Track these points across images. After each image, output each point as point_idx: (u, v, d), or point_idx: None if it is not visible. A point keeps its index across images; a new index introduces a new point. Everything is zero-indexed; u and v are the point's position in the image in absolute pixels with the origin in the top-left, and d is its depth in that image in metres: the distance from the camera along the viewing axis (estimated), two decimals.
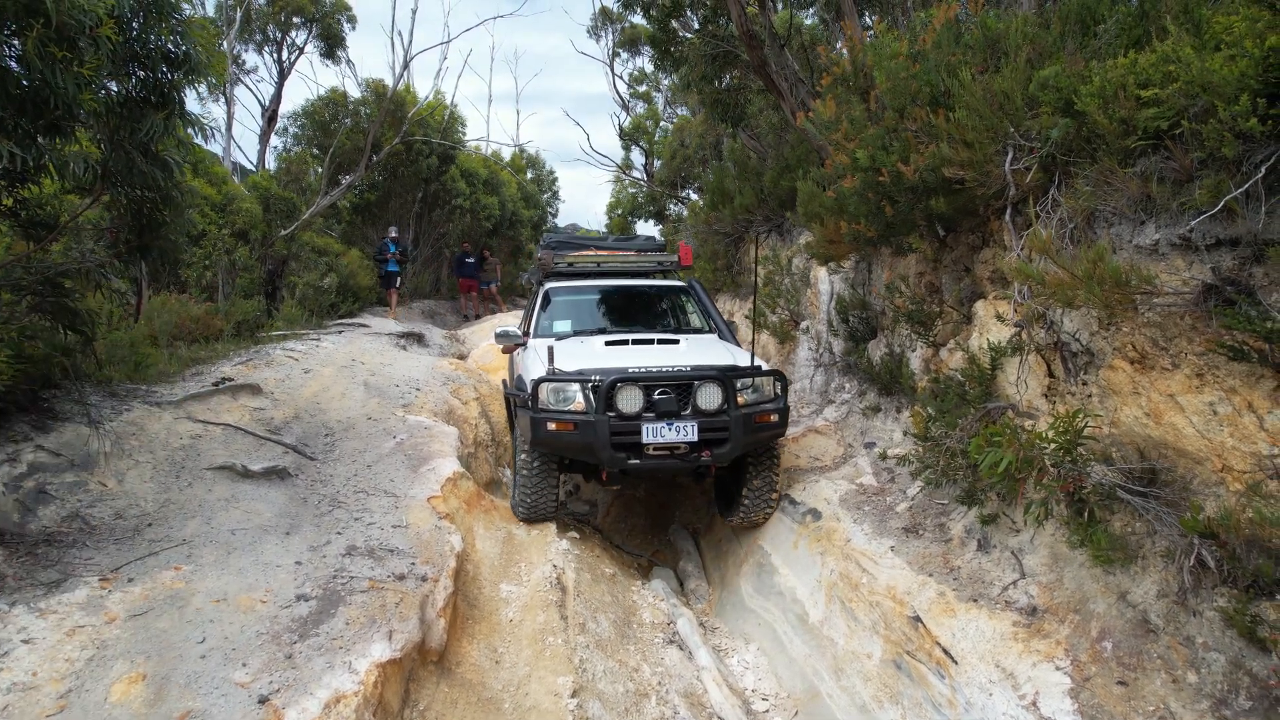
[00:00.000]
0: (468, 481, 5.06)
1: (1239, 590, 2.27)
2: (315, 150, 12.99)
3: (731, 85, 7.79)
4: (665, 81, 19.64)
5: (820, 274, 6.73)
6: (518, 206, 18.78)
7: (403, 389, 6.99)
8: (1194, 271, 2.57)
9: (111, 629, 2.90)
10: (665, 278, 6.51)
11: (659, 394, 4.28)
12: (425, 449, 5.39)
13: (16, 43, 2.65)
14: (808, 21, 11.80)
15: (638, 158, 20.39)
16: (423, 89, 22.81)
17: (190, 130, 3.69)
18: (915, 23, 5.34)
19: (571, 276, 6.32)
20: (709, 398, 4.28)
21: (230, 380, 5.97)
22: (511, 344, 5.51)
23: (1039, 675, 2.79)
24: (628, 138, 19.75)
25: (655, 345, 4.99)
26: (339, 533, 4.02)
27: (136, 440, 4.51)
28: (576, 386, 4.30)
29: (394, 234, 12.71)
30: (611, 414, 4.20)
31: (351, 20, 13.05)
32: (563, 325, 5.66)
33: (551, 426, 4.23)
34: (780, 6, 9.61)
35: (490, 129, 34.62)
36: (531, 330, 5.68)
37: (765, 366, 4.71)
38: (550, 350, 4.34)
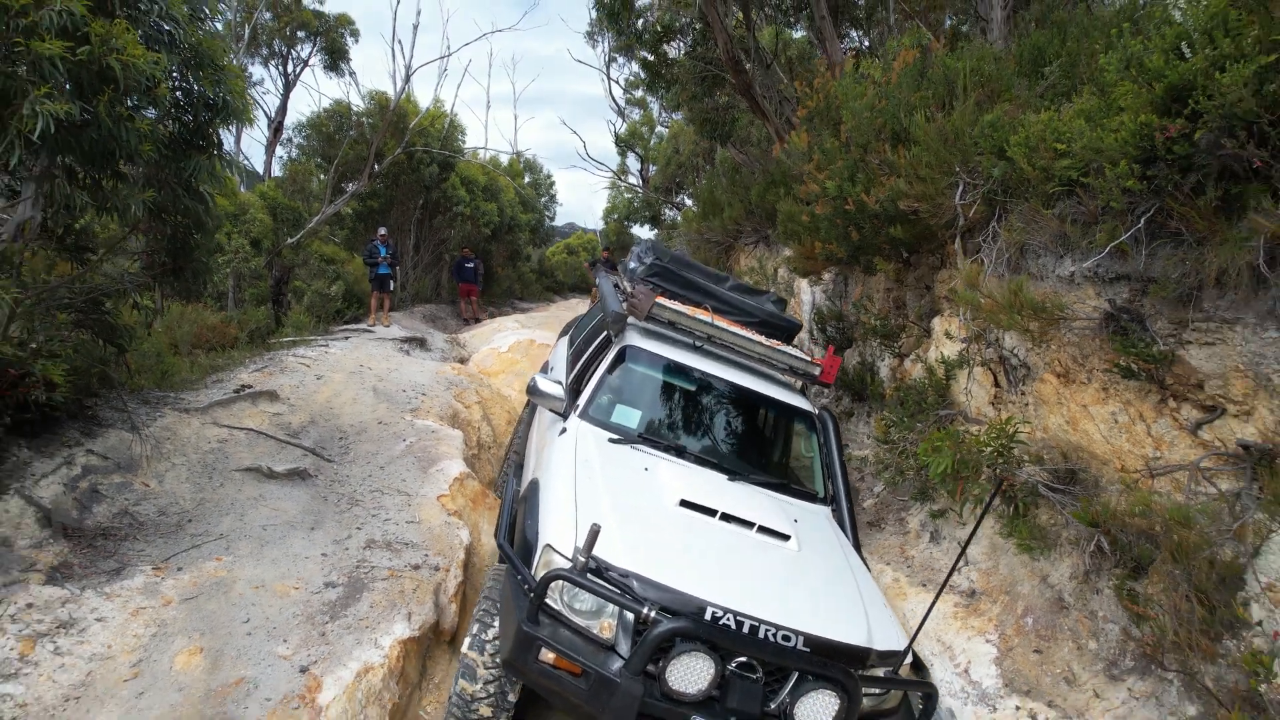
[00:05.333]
0: (473, 481, 5.49)
1: (1125, 570, 2.71)
2: (320, 160, 13.38)
3: (719, 104, 8.21)
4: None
5: (802, 284, 7.17)
6: (516, 212, 19.19)
7: (410, 394, 7.41)
8: (1098, 301, 3.01)
9: (169, 610, 3.32)
10: (790, 379, 4.61)
11: (738, 669, 2.58)
12: (433, 451, 5.82)
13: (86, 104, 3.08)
14: (797, 35, 12.23)
15: (633, 163, 20.82)
16: (422, 95, 23.14)
17: (226, 168, 4.10)
18: (887, 55, 5.78)
19: (664, 339, 4.29)
20: (816, 709, 2.58)
21: (250, 387, 6.39)
22: (547, 405, 3.88)
23: (972, 647, 3.23)
24: (623, 144, 20.17)
25: (754, 535, 3.10)
26: (358, 528, 4.45)
27: (171, 444, 4.93)
28: (613, 608, 2.62)
29: (383, 233, 11.92)
30: (649, 676, 2.53)
31: (354, 34, 13.48)
32: (629, 416, 3.86)
33: (546, 657, 2.55)
34: (764, 23, 10.04)
35: (488, 133, 35.02)
36: (584, 402, 3.86)
37: (913, 652, 2.88)
38: (594, 532, 2.52)
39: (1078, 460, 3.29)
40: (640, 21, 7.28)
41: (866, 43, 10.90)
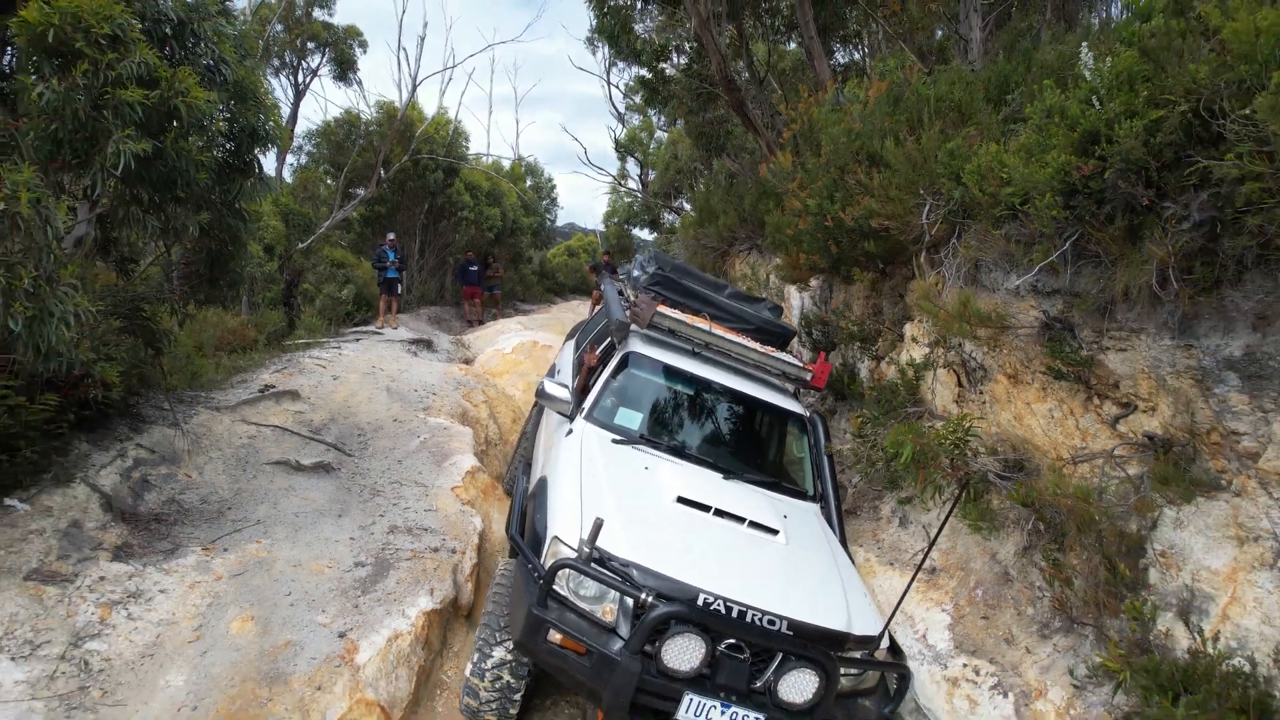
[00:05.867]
0: (483, 474, 5.93)
1: (1055, 545, 3.14)
2: (329, 167, 13.81)
3: (714, 117, 8.64)
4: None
5: (791, 290, 7.61)
6: (518, 215, 19.63)
7: (421, 394, 7.84)
8: (1036, 311, 3.45)
9: (220, 584, 3.76)
10: (783, 383, 4.84)
11: (727, 649, 2.85)
12: (446, 446, 6.25)
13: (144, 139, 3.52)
14: (792, 46, 12.68)
15: (633, 168, 21.26)
16: (426, 99, 23.55)
17: (265, 189, 4.54)
18: (871, 75, 6.22)
19: (665, 345, 4.55)
20: (797, 686, 2.84)
21: (273, 387, 6.82)
22: (554, 408, 4.13)
23: (930, 616, 3.67)
24: (623, 149, 20.60)
25: (745, 529, 3.37)
26: (381, 515, 4.88)
27: (207, 440, 5.37)
28: (615, 594, 2.89)
29: (391, 238, 12.36)
30: (646, 656, 2.79)
31: (363, 45, 13.92)
32: (631, 418, 4.12)
33: (554, 638, 2.83)
34: (761, 35, 10.47)
35: (490, 137, 35.59)
36: (589, 405, 4.11)
37: (889, 636, 3.20)
38: (597, 526, 2.80)
39: (1024, 451, 3.73)
40: (639, 42, 7.71)
41: (858, 54, 11.36)
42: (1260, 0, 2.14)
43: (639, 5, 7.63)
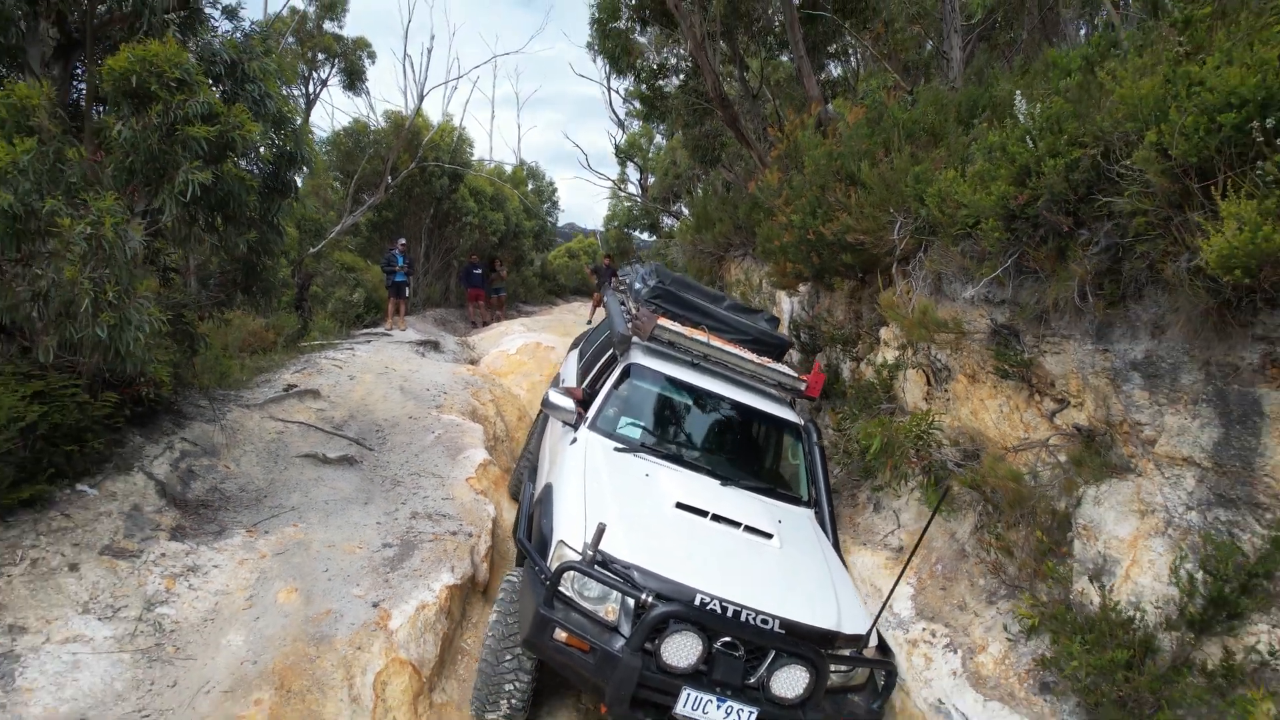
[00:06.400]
0: (494, 467, 6.40)
1: (1002, 523, 3.62)
2: (338, 174, 14.26)
3: (710, 130, 9.11)
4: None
5: (782, 296, 8.08)
6: (520, 219, 20.11)
7: (433, 393, 8.31)
8: (987, 319, 3.92)
9: (265, 561, 4.22)
10: (779, 393, 4.95)
11: (723, 647, 3.03)
12: (459, 441, 6.72)
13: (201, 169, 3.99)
14: (784, 59, 13.15)
15: (632, 173, 21.74)
16: (430, 105, 23.93)
17: (300, 206, 5.00)
18: (856, 94, 6.69)
19: (665, 357, 4.72)
20: (789, 682, 3.03)
21: (295, 387, 7.29)
22: (559, 417, 4.27)
23: (897, 589, 4.13)
24: (623, 154, 21.08)
25: (741, 534, 3.54)
26: (403, 503, 5.35)
27: (241, 435, 5.83)
28: (617, 594, 3.08)
29: (403, 243, 12.80)
30: (646, 653, 2.96)
31: (371, 55, 14.39)
32: (633, 428, 4.30)
33: (559, 636, 3.00)
34: (754, 51, 10.94)
35: (493, 140, 35.94)
36: (592, 415, 4.29)
37: (877, 634, 3.46)
38: (600, 529, 2.99)
39: (980, 442, 4.20)
40: (638, 62, 8.18)
41: (850, 65, 11.83)
42: (1142, 72, 2.60)
43: (638, 27, 8.10)
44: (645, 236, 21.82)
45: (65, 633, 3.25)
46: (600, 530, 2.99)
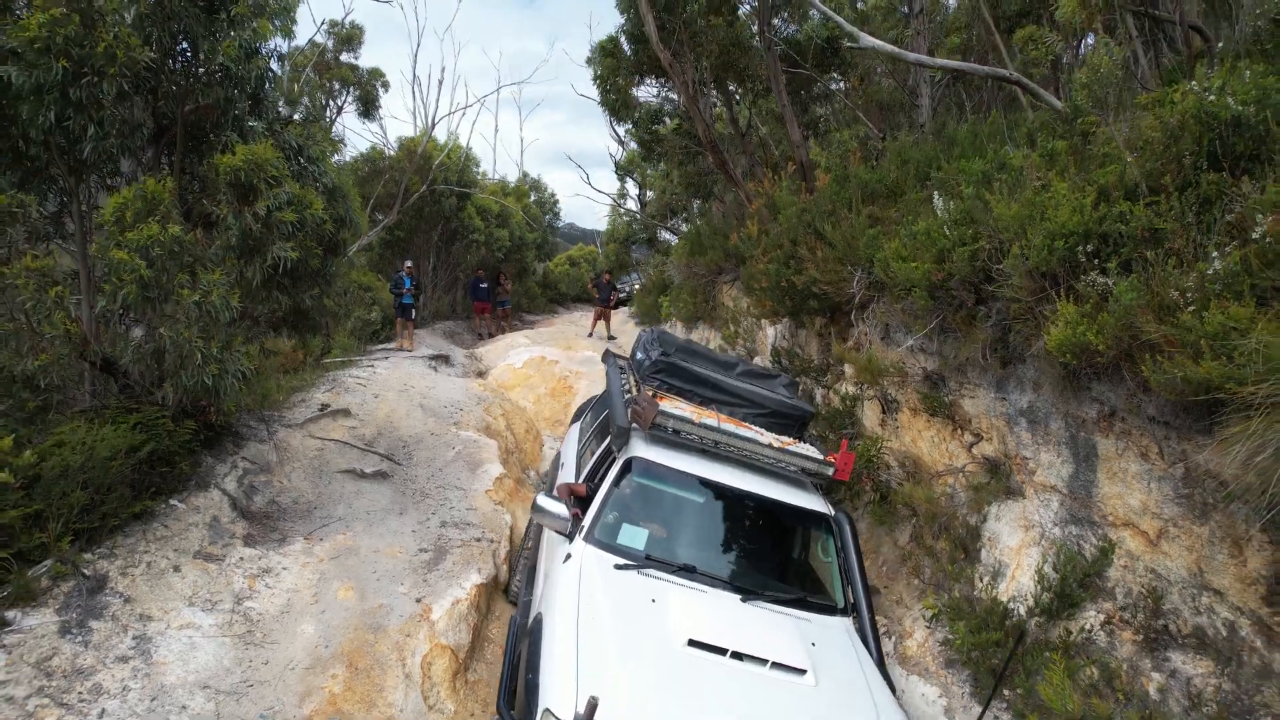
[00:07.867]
0: (510, 480, 7.24)
1: (924, 531, 4.46)
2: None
3: (702, 168, 9.96)
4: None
5: (765, 323, 8.93)
6: (523, 232, 20.97)
7: (450, 410, 9.15)
8: (920, 366, 4.77)
9: (324, 564, 5.06)
10: (802, 478, 4.39)
11: None
12: (477, 456, 7.56)
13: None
14: (773, 98, 14.01)
15: (631, 188, 22.59)
16: (438, 129, 24.77)
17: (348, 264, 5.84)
18: (832, 148, 7.53)
19: (671, 444, 4.19)
20: None
21: (329, 406, 8.12)
22: (551, 526, 3.84)
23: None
24: (622, 170, 21.94)
25: (769, 672, 3.04)
26: (433, 513, 6.18)
27: (288, 452, 6.67)
28: None
29: (409, 265, 13.64)
30: None
31: (385, 84, 15.28)
32: (635, 537, 3.77)
33: None
34: (745, 96, 11.81)
35: (496, 155, 36.80)
36: (588, 524, 3.78)
37: None
38: (592, 707, 2.34)
39: (919, 466, 5.04)
40: (637, 112, 9.04)
41: (836, 103, 12.69)
42: (1013, 195, 3.44)
43: (636, 78, 8.95)
44: (645, 252, 22.69)
45: (180, 620, 4.09)
46: (592, 706, 2.35)
